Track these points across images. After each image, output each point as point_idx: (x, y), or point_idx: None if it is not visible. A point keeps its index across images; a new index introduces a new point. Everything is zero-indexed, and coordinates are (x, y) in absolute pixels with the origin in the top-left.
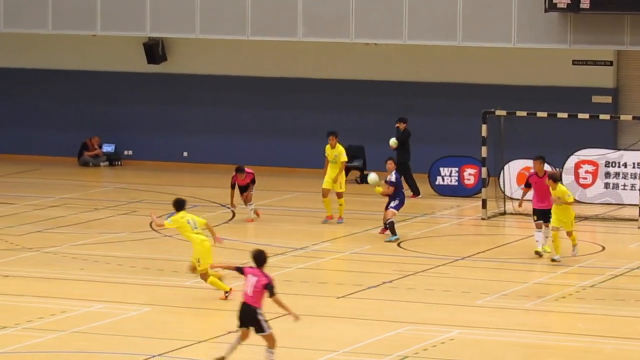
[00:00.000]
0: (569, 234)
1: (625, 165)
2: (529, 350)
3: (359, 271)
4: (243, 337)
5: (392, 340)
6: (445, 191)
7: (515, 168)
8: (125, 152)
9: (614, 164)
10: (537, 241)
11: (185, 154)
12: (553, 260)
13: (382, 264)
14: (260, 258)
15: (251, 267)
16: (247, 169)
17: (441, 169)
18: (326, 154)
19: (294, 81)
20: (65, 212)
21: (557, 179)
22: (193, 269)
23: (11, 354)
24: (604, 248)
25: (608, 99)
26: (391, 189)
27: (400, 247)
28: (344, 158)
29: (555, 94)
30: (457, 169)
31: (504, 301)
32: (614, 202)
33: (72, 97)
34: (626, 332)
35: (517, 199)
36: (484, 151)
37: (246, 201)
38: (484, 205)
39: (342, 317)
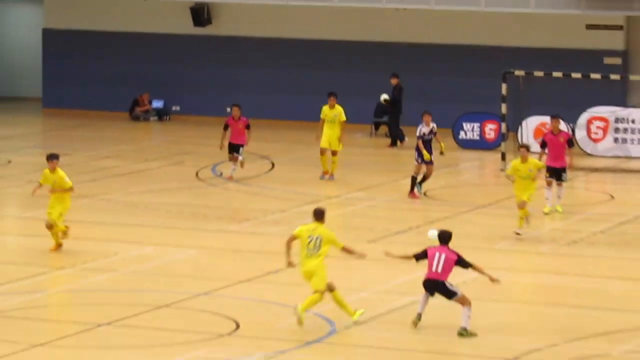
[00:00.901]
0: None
1: (633, 121)
2: (544, 290)
3: (388, 218)
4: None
5: (419, 281)
6: (467, 145)
7: (532, 124)
8: (173, 108)
9: (623, 120)
10: (546, 199)
11: (227, 109)
12: (517, 234)
13: (409, 212)
14: (445, 236)
15: (435, 247)
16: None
17: (464, 124)
18: (324, 115)
19: (328, 43)
20: (118, 163)
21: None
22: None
23: (70, 293)
24: (613, 197)
25: (618, 61)
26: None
27: (426, 196)
28: (343, 117)
29: (569, 56)
30: (478, 124)
31: (521, 245)
32: (622, 155)
33: (125, 57)
34: (634, 275)
35: (536, 152)
36: (503, 108)
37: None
38: (503, 158)
39: (373, 259)
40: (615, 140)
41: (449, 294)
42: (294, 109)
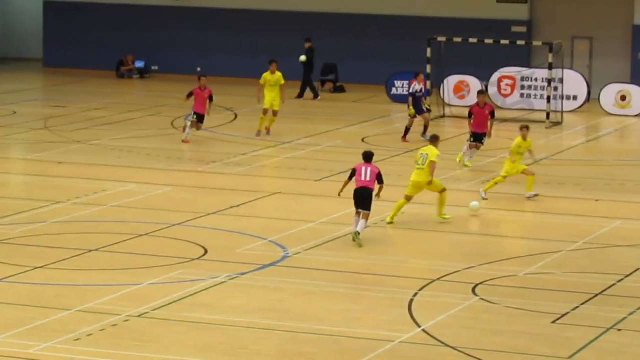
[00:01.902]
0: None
1: (536, 79)
2: (462, 221)
3: (332, 160)
4: (360, 215)
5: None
6: (398, 99)
7: (452, 81)
8: (153, 67)
9: (527, 79)
10: (470, 157)
11: (199, 68)
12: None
13: (349, 155)
14: (369, 155)
15: (361, 163)
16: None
17: (395, 82)
18: (264, 80)
19: (283, 13)
20: (106, 114)
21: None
22: None
23: (65, 223)
24: None
25: (524, 29)
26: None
27: (364, 141)
28: (283, 81)
29: (483, 25)
30: (407, 81)
31: (447, 183)
32: (527, 108)
33: (113, 24)
34: (535, 208)
35: (455, 105)
36: (428, 68)
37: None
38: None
39: (319, 195)
40: (522, 95)
41: (369, 205)
42: (253, 68)
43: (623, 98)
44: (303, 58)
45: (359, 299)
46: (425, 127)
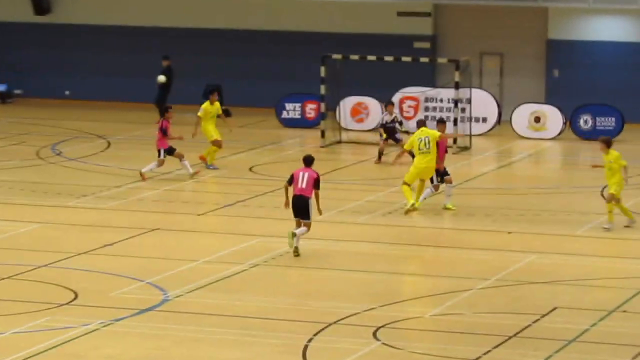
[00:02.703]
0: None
1: (441, 100)
2: (364, 257)
3: (217, 192)
4: (299, 225)
5: (246, 250)
6: (290, 123)
7: (349, 104)
8: (16, 91)
9: (432, 100)
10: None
11: (67, 92)
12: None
13: (236, 186)
14: (309, 159)
15: (300, 169)
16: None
17: (286, 104)
18: (205, 112)
19: (155, 29)
20: None
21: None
22: None
23: None
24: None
25: (427, 45)
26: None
27: (252, 171)
28: (220, 112)
29: (382, 41)
30: (300, 104)
31: (341, 216)
32: None
33: None
34: (442, 241)
35: (353, 130)
36: (323, 89)
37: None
38: (323, 135)
39: (202, 231)
40: (426, 118)
41: (306, 214)
42: (128, 91)
43: (537, 119)
44: (162, 78)
45: (248, 346)
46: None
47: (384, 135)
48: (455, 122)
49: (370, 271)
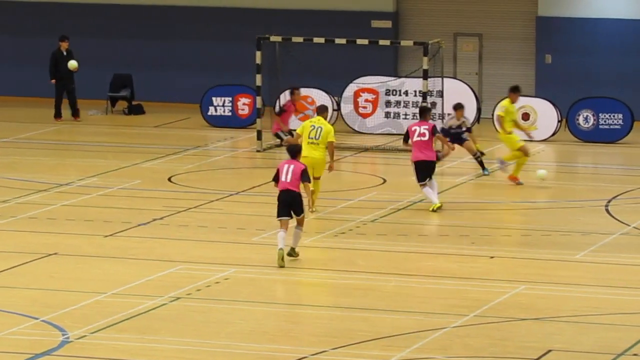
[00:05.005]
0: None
1: (406, 93)
2: (308, 288)
3: (128, 208)
4: (285, 227)
5: (164, 280)
6: (218, 122)
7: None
8: None
9: (394, 92)
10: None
11: None
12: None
13: (152, 200)
14: (294, 149)
15: (285, 160)
16: None
17: (214, 98)
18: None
19: (45, 5)
20: None
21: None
22: None
23: None
24: (385, 180)
25: (388, 24)
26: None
27: (171, 181)
28: None
29: (333, 19)
30: (230, 98)
31: None
32: (395, 132)
33: None
34: (408, 268)
35: (295, 129)
36: (258, 79)
37: None
38: (259, 137)
39: (110, 256)
40: (387, 115)
41: (298, 209)
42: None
43: (525, 117)
44: (74, 64)
45: None
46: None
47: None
48: None
49: (319, 305)
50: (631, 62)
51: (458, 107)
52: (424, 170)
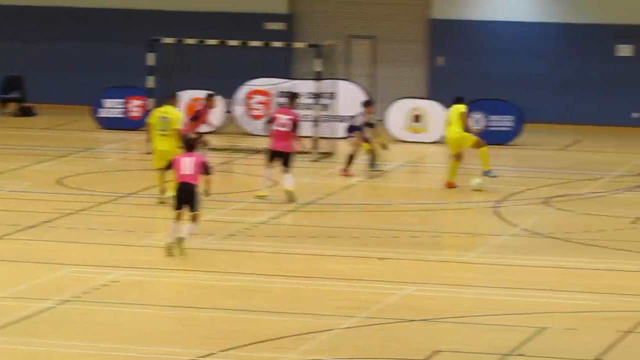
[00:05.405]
0: None
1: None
2: (197, 290)
3: (16, 210)
4: (180, 218)
5: (52, 283)
6: (109, 124)
7: (184, 99)
8: None
9: (288, 94)
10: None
11: None
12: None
13: (41, 203)
14: (191, 142)
15: (183, 154)
16: None
17: (105, 100)
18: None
19: None
20: None
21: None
22: None
23: None
24: (276, 183)
25: (282, 26)
26: None
27: (61, 184)
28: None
29: (226, 21)
30: (122, 100)
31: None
32: None
33: None
34: (297, 270)
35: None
36: (151, 81)
37: None
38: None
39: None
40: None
41: (193, 203)
42: None
43: (417, 118)
44: None
45: None
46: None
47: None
48: (315, 122)
49: (208, 308)
50: (522, 64)
51: (367, 104)
52: (276, 157)
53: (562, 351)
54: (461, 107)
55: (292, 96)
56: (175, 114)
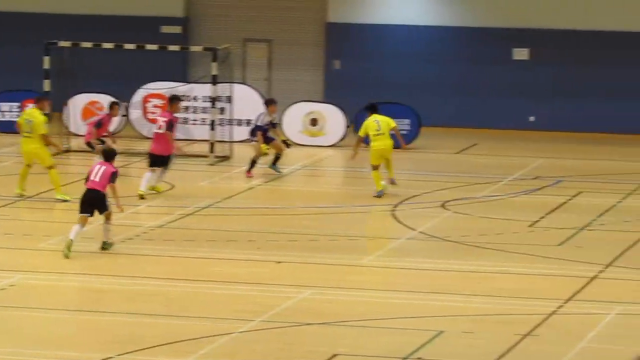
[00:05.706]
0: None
1: (195, 98)
2: (95, 294)
3: None
4: (84, 223)
5: None
6: (5, 128)
7: (80, 103)
8: None
9: (184, 98)
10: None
11: None
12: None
13: None
14: (110, 154)
15: (98, 162)
16: None
17: (1, 104)
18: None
19: None
20: None
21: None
22: None
23: None
24: (173, 187)
25: (178, 29)
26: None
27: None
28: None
29: (122, 24)
30: (18, 103)
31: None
32: (183, 137)
33: None
34: (195, 274)
35: (82, 135)
36: (46, 85)
37: None
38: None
39: None
40: (172, 120)
41: (103, 205)
42: None
43: (314, 122)
44: None
45: None
46: (277, 157)
47: (265, 147)
48: (212, 125)
49: (106, 312)
50: (419, 68)
51: (270, 103)
52: (156, 161)
53: (459, 355)
54: (391, 122)
55: (172, 99)
56: (39, 118)
